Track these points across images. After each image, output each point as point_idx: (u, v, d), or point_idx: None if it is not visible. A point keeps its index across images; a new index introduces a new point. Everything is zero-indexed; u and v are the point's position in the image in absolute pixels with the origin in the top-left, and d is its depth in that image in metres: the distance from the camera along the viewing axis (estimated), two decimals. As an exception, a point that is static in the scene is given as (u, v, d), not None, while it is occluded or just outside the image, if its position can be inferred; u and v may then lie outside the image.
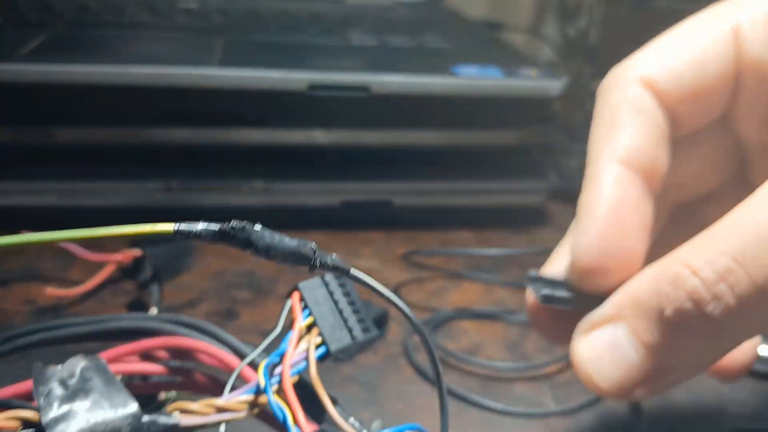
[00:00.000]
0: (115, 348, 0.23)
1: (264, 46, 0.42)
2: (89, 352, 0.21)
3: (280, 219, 0.43)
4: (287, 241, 0.16)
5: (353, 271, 0.17)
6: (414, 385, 0.31)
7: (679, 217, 0.24)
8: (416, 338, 0.35)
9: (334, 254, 0.17)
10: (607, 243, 0.19)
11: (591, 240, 0.20)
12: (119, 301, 0.36)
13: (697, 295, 0.17)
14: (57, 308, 0.35)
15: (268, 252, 0.16)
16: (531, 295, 0.22)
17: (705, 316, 0.17)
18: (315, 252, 0.17)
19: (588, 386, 0.19)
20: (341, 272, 0.17)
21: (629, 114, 0.20)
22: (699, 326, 0.17)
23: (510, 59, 0.44)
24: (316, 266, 0.17)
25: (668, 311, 0.17)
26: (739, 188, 0.22)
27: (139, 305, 0.35)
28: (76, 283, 0.36)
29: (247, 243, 0.16)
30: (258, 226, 0.16)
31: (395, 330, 0.35)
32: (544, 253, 0.23)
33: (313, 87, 0.38)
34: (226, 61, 0.38)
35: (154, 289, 0.34)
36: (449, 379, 0.32)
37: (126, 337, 0.24)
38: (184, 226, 0.15)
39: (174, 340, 0.24)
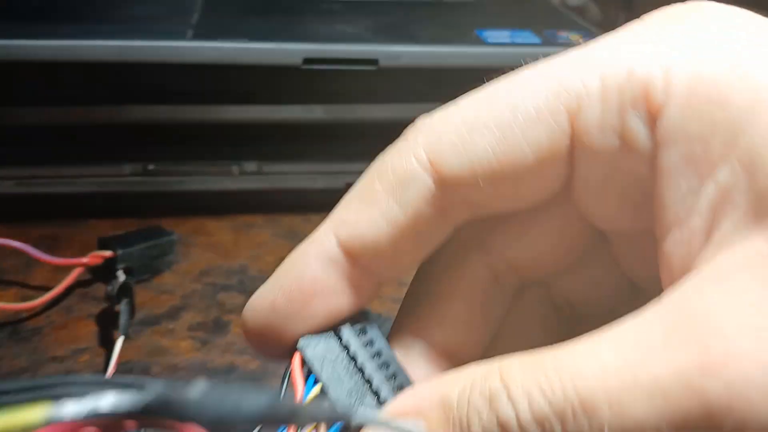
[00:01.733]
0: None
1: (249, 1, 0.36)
2: None
3: (277, 203, 0.38)
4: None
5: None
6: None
7: (530, 293, 0.20)
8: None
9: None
10: (276, 314, 0.17)
11: (262, 303, 0.18)
12: (88, 310, 0.31)
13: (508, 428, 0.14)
14: (16, 322, 0.30)
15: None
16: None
17: None
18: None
19: None
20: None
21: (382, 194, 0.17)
22: None
23: (544, 18, 0.38)
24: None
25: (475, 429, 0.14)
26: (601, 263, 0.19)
27: (110, 317, 0.30)
28: (39, 288, 0.31)
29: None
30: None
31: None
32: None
33: (310, 61, 0.32)
34: (205, 27, 0.32)
35: (123, 309, 0.28)
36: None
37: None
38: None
39: None
